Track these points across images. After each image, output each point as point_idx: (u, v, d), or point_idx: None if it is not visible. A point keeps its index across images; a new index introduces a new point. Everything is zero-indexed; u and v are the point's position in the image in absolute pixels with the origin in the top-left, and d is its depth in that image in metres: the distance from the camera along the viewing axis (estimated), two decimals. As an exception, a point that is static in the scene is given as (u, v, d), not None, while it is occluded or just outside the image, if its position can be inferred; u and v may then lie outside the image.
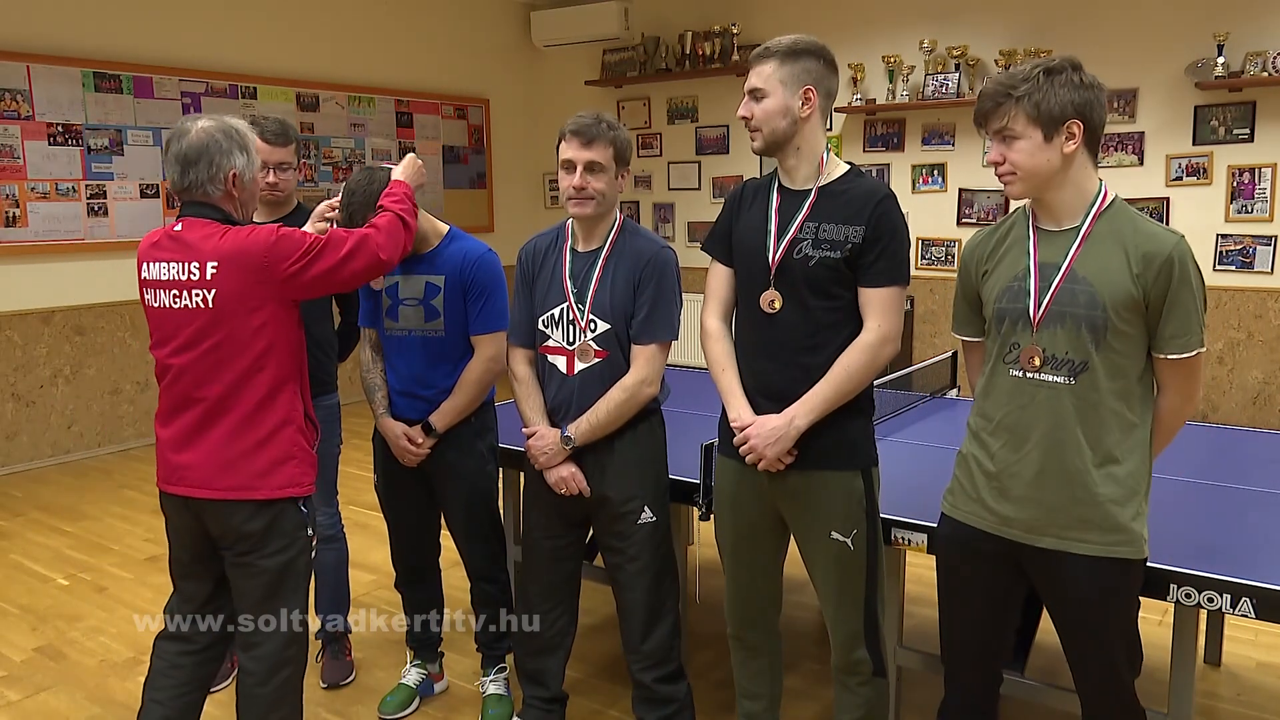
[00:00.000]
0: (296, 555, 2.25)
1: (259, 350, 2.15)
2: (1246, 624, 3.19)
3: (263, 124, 2.80)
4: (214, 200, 2.18)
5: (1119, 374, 1.87)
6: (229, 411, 2.16)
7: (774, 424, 2.16)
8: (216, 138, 2.16)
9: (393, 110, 7.37)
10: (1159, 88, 5.79)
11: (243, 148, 2.20)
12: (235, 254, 2.11)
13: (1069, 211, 1.91)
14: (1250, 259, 5.66)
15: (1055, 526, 1.91)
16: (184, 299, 2.13)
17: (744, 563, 2.38)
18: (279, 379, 2.19)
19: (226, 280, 2.11)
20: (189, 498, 2.20)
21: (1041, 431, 1.90)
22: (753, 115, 2.17)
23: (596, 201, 2.39)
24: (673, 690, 2.56)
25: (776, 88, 2.15)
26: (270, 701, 2.28)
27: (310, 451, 2.28)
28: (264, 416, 2.18)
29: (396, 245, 2.31)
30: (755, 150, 2.22)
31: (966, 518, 2.02)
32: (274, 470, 2.19)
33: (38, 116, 5.51)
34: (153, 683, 2.33)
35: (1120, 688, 1.96)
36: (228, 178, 2.18)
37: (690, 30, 7.39)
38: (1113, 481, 1.88)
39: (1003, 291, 1.96)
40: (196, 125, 2.16)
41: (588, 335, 2.44)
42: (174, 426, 2.21)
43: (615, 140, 2.39)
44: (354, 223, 2.47)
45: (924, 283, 6.60)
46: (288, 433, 2.22)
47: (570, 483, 2.47)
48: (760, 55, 2.18)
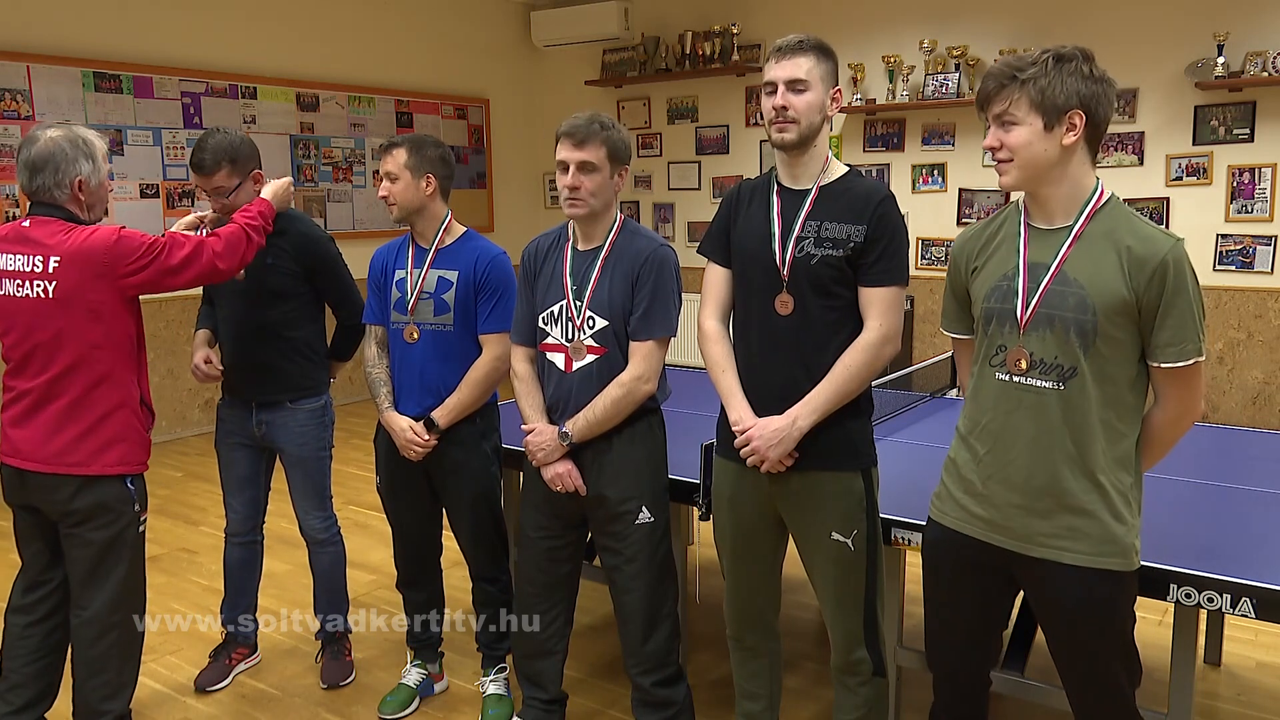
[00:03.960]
0: (124, 528, 2.47)
1: (94, 339, 2.36)
2: (1246, 624, 3.19)
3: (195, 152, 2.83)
4: (60, 203, 2.39)
5: (1108, 381, 1.81)
6: (64, 393, 2.38)
7: (776, 425, 2.15)
8: (63, 146, 2.37)
9: (393, 110, 7.37)
10: (1159, 88, 5.79)
11: (89, 156, 2.40)
12: (76, 252, 2.33)
13: (1063, 209, 1.85)
14: (1250, 259, 5.66)
15: (1042, 535, 1.86)
16: (26, 288, 2.35)
17: (743, 563, 2.38)
18: (113, 365, 2.41)
19: (67, 274, 2.32)
20: (24, 470, 2.42)
21: (1028, 437, 1.85)
22: (791, 106, 2.13)
23: (586, 203, 2.39)
24: (672, 693, 2.56)
25: (817, 83, 2.14)
26: (98, 663, 2.50)
27: (144, 434, 2.51)
28: (97, 399, 2.40)
29: (235, 256, 2.54)
30: (785, 143, 2.16)
31: (954, 523, 1.98)
32: (105, 450, 2.41)
33: (38, 116, 5.50)
34: (7, 652, 2.58)
35: (1116, 702, 1.91)
36: (73, 183, 2.38)
37: (690, 30, 7.38)
38: (1099, 490, 1.82)
39: (991, 290, 1.91)
40: (45, 134, 2.37)
41: (585, 333, 2.44)
42: (14, 405, 2.44)
43: (608, 140, 2.38)
44: None
45: (924, 283, 6.60)
46: (121, 415, 2.44)
47: (566, 479, 2.46)
48: (796, 48, 2.14)
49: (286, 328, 2.94)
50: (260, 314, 2.92)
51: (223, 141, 2.82)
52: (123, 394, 2.44)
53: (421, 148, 2.71)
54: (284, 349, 2.95)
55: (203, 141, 2.82)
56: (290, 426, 2.98)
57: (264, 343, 2.94)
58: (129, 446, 2.46)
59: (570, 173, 2.37)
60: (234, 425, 3.04)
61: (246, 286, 2.90)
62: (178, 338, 6.14)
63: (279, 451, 3.04)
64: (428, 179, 2.71)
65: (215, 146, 2.80)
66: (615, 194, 2.45)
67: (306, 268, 2.93)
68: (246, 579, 3.17)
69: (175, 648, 3.39)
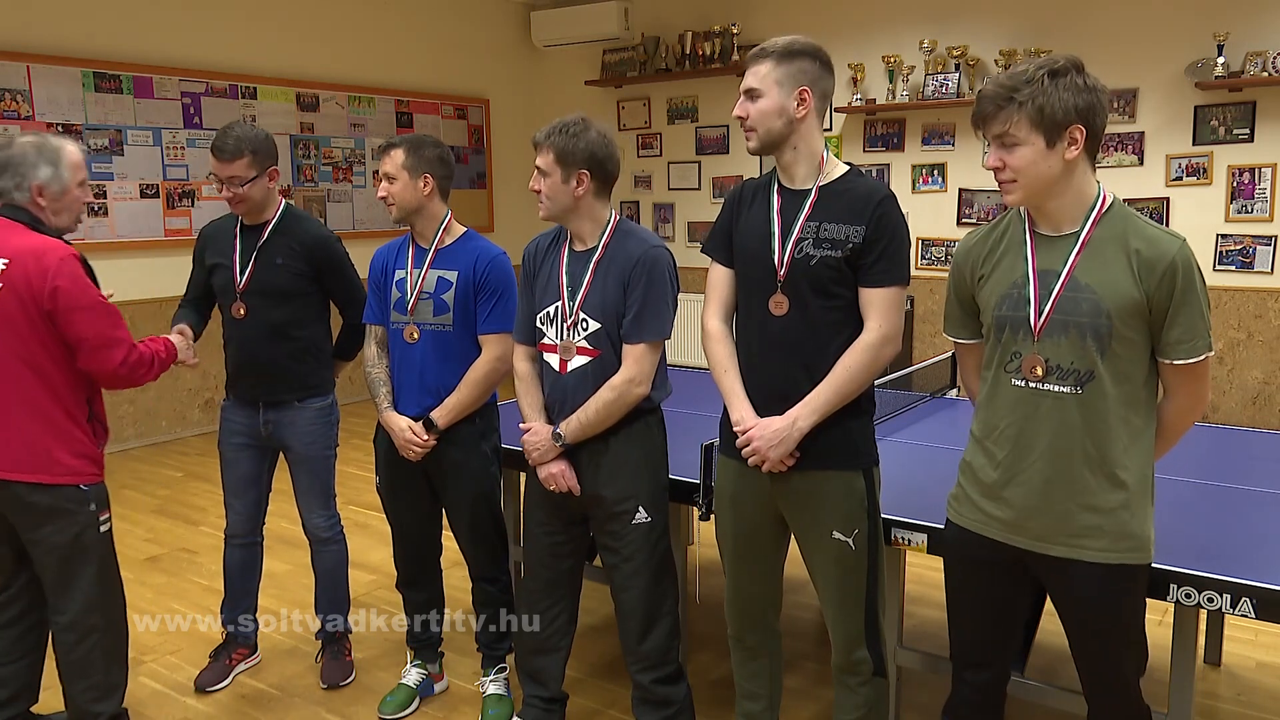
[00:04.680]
0: (83, 530, 2.45)
1: (35, 347, 2.36)
2: (1246, 624, 3.19)
3: (217, 138, 2.84)
4: (22, 204, 2.42)
5: (1125, 380, 1.85)
6: (16, 399, 2.37)
7: (777, 426, 2.16)
8: (27, 151, 2.40)
9: (393, 110, 7.37)
10: (1159, 88, 5.79)
11: (52, 162, 2.42)
12: (22, 257, 2.33)
13: (1068, 217, 1.88)
14: (1250, 259, 5.66)
15: (1063, 534, 1.89)
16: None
17: (744, 563, 2.38)
18: (61, 377, 2.39)
19: (13, 279, 2.33)
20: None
21: (1047, 441, 1.88)
22: (748, 115, 2.18)
23: (543, 205, 2.43)
24: (672, 692, 2.56)
25: (772, 88, 2.16)
26: (81, 666, 2.50)
27: (93, 447, 2.48)
28: (49, 407, 2.39)
29: (138, 371, 2.49)
30: (751, 150, 2.23)
31: (972, 524, 2.01)
32: (55, 459, 2.39)
33: (38, 116, 5.50)
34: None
35: (1126, 689, 1.96)
36: (33, 188, 2.41)
37: (690, 30, 7.39)
38: (1120, 488, 1.86)
39: (1001, 298, 1.93)
40: (18, 140, 2.41)
41: (579, 334, 2.44)
42: None
43: (554, 145, 2.38)
44: None
45: (924, 283, 6.60)
46: (66, 426, 2.41)
47: (560, 480, 2.46)
48: (756, 56, 2.19)
49: (294, 327, 2.95)
50: (268, 314, 2.93)
51: (248, 132, 2.86)
52: (71, 405, 2.42)
53: (419, 148, 2.71)
54: (291, 349, 2.96)
55: (228, 129, 2.85)
56: (297, 425, 2.99)
57: (272, 343, 2.94)
58: (79, 460, 2.44)
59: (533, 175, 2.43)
60: (239, 425, 3.04)
61: (255, 287, 2.92)
62: (178, 338, 6.14)
63: (285, 450, 3.04)
64: (425, 179, 2.71)
65: (240, 135, 2.83)
66: (574, 197, 2.41)
67: (315, 267, 2.94)
68: (247, 580, 3.17)
69: (175, 648, 3.39)
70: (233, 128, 2.86)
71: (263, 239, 2.93)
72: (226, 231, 3.02)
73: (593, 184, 2.41)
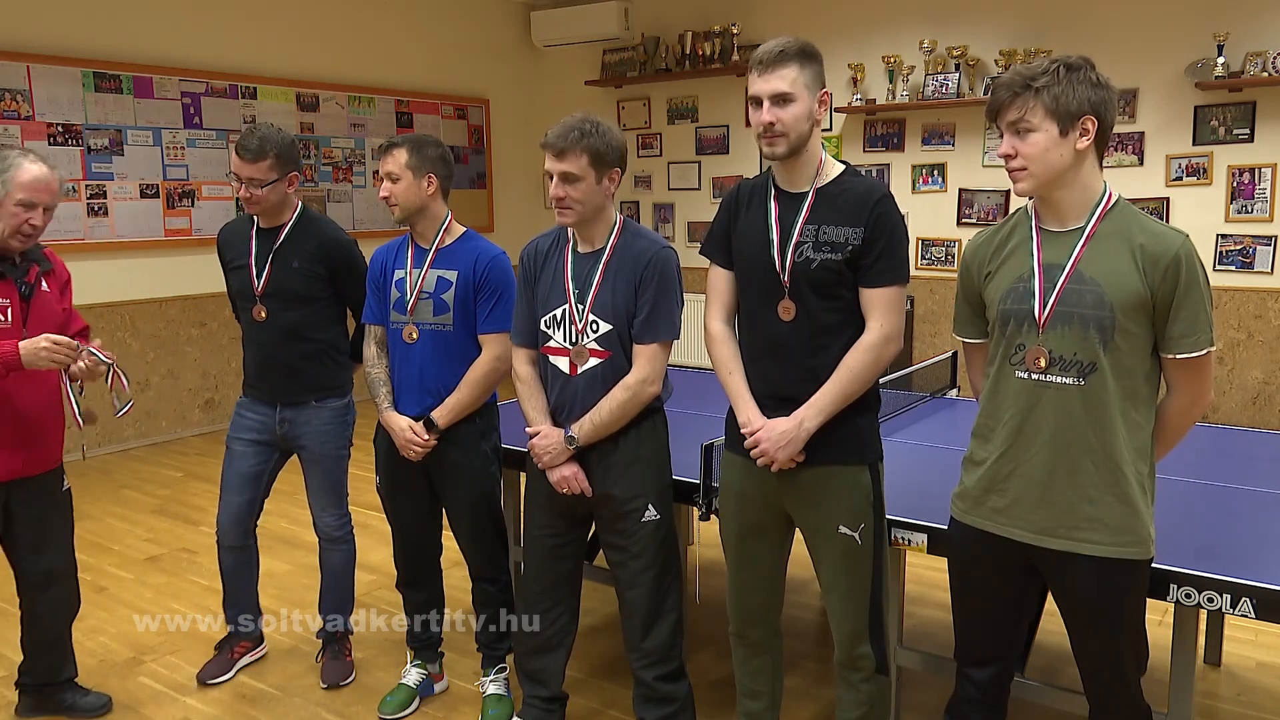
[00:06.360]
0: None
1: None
2: (1246, 624, 3.18)
3: (240, 137, 2.84)
4: None
5: (1126, 374, 1.87)
6: None
7: (783, 427, 2.16)
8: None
9: (393, 110, 7.37)
10: (1159, 88, 5.79)
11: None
12: None
13: (1074, 211, 1.91)
14: (1250, 259, 5.66)
15: (1064, 528, 1.91)
16: None
17: (747, 560, 2.38)
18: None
19: None
20: None
21: (1049, 433, 1.90)
22: (778, 120, 2.11)
23: (575, 210, 2.39)
24: (673, 689, 2.56)
25: (802, 92, 2.12)
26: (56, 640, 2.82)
27: None
28: None
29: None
30: (777, 156, 2.15)
31: (976, 521, 2.03)
32: None
33: (38, 116, 5.50)
34: None
35: (1126, 686, 1.97)
36: None
37: (690, 30, 7.39)
38: (1121, 481, 1.88)
39: (1007, 293, 1.96)
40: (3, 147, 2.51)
41: (588, 337, 2.44)
42: None
43: (588, 148, 2.34)
44: None
45: (924, 283, 6.60)
46: None
47: (572, 482, 2.47)
48: (777, 59, 2.11)
49: (312, 330, 2.96)
50: (286, 317, 2.94)
51: (274, 134, 2.86)
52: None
53: (422, 147, 2.71)
54: (309, 351, 2.97)
55: (254, 128, 2.85)
56: (314, 424, 3.00)
57: (290, 345, 2.95)
58: None
59: (555, 183, 2.38)
60: (252, 421, 3.04)
61: (273, 289, 2.93)
62: (177, 338, 6.14)
63: (298, 449, 3.05)
64: (429, 179, 2.71)
65: (267, 136, 2.83)
66: (608, 196, 2.43)
67: (331, 270, 2.95)
68: (244, 583, 3.18)
69: (175, 648, 3.39)
70: (258, 128, 2.85)
71: (279, 242, 2.94)
72: (242, 234, 3.02)
73: (614, 184, 2.42)
